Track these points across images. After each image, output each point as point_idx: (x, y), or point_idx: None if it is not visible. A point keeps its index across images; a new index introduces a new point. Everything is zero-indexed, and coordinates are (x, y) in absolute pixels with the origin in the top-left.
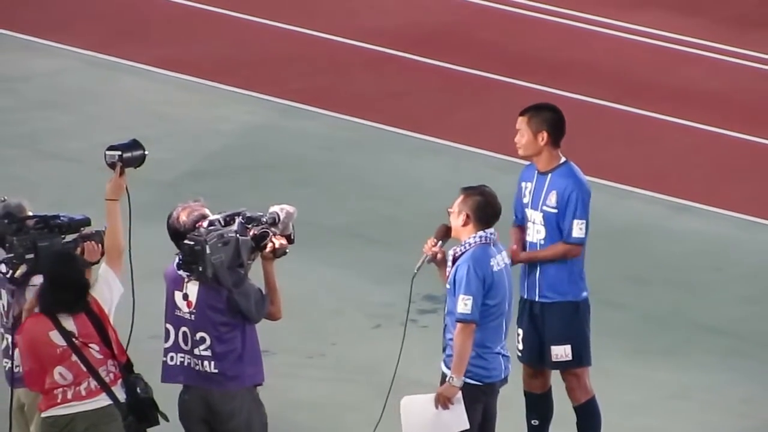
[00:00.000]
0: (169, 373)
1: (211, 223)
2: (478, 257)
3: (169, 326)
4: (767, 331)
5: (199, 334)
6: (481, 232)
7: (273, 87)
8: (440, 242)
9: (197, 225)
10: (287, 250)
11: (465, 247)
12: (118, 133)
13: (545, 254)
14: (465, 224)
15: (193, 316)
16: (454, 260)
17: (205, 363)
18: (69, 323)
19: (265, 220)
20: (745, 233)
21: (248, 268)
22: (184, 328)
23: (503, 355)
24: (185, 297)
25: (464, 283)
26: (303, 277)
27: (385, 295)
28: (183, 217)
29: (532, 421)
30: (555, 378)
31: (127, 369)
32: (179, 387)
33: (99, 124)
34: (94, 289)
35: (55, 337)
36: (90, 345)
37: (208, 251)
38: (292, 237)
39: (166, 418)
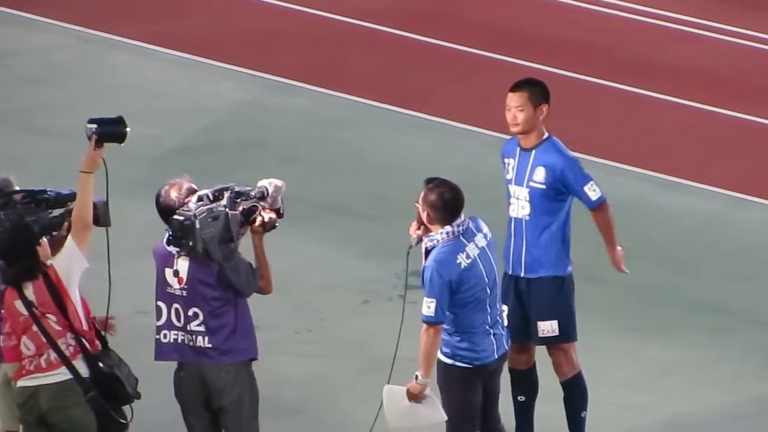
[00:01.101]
0: (162, 351)
1: (200, 198)
2: (442, 259)
3: (160, 304)
4: (757, 308)
5: (191, 310)
6: (447, 227)
7: (263, 63)
8: (423, 226)
9: (186, 200)
10: (277, 224)
11: (434, 243)
12: (107, 109)
13: (613, 236)
14: (429, 221)
15: (184, 292)
16: (426, 253)
17: (199, 338)
18: (29, 292)
19: (253, 194)
20: (736, 210)
21: (238, 242)
22: (176, 305)
23: (495, 334)
24: (176, 273)
25: (428, 285)
26: (291, 253)
27: (373, 271)
28: (173, 194)
29: (518, 398)
30: (539, 355)
31: (101, 344)
32: (173, 365)
33: (88, 99)
34: (55, 259)
35: (19, 305)
36: (48, 315)
37: (198, 226)
38: (281, 211)
39: (138, 396)
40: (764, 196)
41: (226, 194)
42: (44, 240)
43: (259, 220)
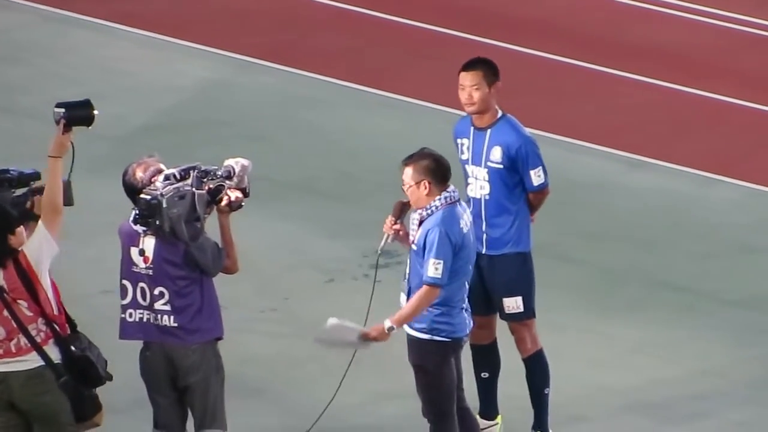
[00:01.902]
0: (127, 330)
1: (166, 177)
2: (449, 220)
3: (126, 283)
4: (723, 288)
5: (157, 289)
6: (444, 193)
7: (229, 42)
8: (399, 220)
9: (152, 180)
10: (243, 203)
11: (432, 210)
12: (72, 88)
13: (537, 210)
14: (429, 192)
15: (150, 271)
16: (421, 222)
17: (164, 317)
18: (0, 278)
19: (220, 173)
20: (702, 189)
21: (204, 221)
22: (141, 284)
23: (466, 310)
24: (142, 252)
25: (435, 246)
26: (256, 232)
27: (339, 250)
28: (139, 173)
29: (482, 374)
30: (500, 332)
31: (71, 327)
32: (137, 345)
33: (53, 79)
34: (26, 245)
35: None
36: (18, 301)
37: (165, 205)
38: (248, 190)
39: (109, 377)
40: (730, 175)
41: (193, 173)
42: (20, 228)
43: (225, 199)
